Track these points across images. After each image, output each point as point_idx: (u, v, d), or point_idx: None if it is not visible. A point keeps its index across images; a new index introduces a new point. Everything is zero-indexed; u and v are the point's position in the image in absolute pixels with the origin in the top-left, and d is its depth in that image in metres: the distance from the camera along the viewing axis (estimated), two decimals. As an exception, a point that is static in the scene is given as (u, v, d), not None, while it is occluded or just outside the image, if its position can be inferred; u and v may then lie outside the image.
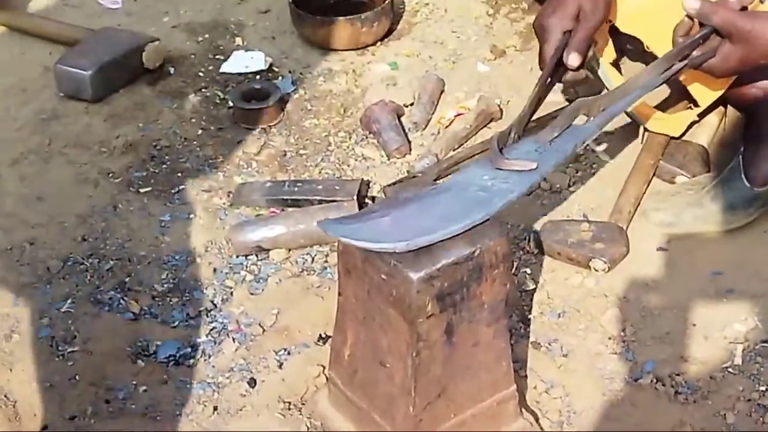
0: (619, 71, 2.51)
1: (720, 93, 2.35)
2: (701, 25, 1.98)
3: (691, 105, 2.50)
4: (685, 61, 2.00)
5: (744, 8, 1.96)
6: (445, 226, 1.68)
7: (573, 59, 2.10)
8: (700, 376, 2.06)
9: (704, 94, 2.39)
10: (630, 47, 2.56)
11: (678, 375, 2.05)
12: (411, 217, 1.72)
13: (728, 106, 2.57)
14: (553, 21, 2.12)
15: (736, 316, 2.17)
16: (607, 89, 2.43)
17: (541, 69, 2.14)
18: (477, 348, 1.76)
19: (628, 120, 2.58)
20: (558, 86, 2.32)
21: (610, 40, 2.44)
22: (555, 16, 2.12)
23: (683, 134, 2.55)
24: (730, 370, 2.07)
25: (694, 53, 1.99)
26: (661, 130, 2.53)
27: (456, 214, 1.71)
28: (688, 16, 1.99)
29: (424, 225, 1.69)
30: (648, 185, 2.47)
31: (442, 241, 1.67)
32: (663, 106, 2.59)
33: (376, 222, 1.72)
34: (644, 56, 2.53)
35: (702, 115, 2.56)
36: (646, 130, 2.55)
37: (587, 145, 2.56)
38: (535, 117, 2.07)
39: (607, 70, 2.44)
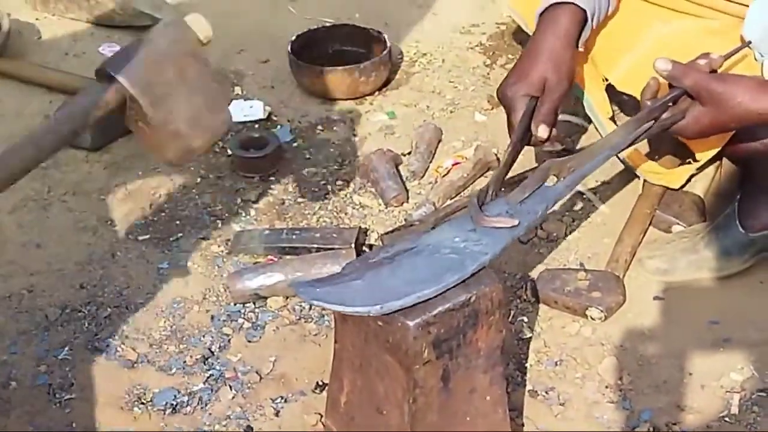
0: (615, 125, 2.53)
1: (718, 148, 2.35)
2: (671, 86, 1.99)
3: (690, 159, 2.50)
4: (655, 122, 2.00)
5: (713, 71, 1.98)
6: (418, 290, 1.68)
7: (542, 131, 2.09)
8: (696, 425, 2.05)
9: (703, 149, 2.38)
10: (627, 97, 2.58)
11: (675, 424, 2.05)
12: (384, 280, 1.72)
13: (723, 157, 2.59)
14: (518, 89, 2.10)
15: (732, 366, 2.17)
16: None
17: (511, 136, 2.12)
18: (473, 395, 1.76)
19: (623, 168, 2.60)
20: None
21: (606, 100, 2.45)
22: (520, 84, 2.11)
23: (683, 186, 2.56)
24: (726, 419, 2.06)
25: (664, 115, 2.00)
26: (660, 182, 2.54)
27: (429, 278, 1.71)
28: (654, 78, 2.01)
29: (397, 288, 1.69)
30: (644, 234, 2.49)
31: (415, 304, 1.67)
32: (660, 159, 2.60)
33: (349, 285, 1.72)
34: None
35: (701, 168, 2.56)
36: (645, 181, 2.56)
37: (584, 195, 2.60)
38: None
39: (606, 124, 2.45)
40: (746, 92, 1.91)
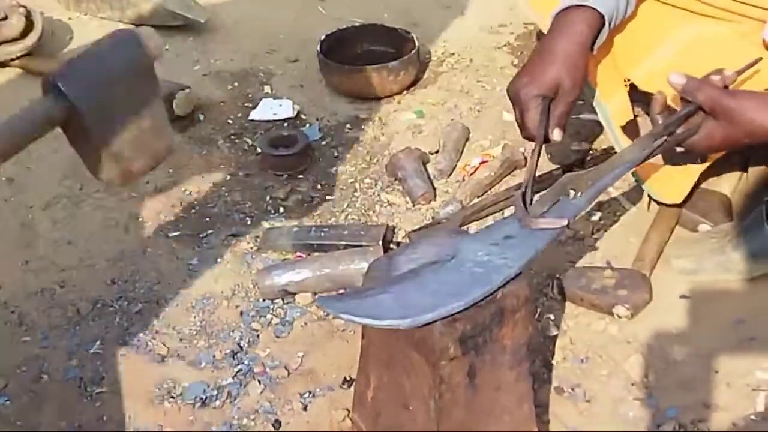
0: (636, 127, 2.51)
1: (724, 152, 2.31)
2: (684, 101, 1.99)
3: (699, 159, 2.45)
4: (668, 137, 1.99)
5: (726, 87, 1.98)
6: (448, 302, 1.68)
7: (557, 135, 2.09)
8: (722, 423, 2.05)
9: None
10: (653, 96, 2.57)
11: (700, 422, 2.05)
12: (412, 293, 1.72)
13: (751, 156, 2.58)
14: (531, 90, 2.10)
15: (758, 364, 2.16)
16: (617, 150, 2.44)
17: (524, 136, 2.13)
18: (499, 391, 1.77)
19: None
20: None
21: (628, 102, 2.44)
22: (533, 85, 2.10)
23: (685, 201, 2.51)
24: (752, 417, 2.06)
25: (678, 130, 1.99)
26: (661, 199, 2.50)
27: (457, 291, 1.70)
28: (660, 92, 2.00)
29: (426, 302, 1.69)
30: (671, 233, 2.49)
31: (445, 317, 1.67)
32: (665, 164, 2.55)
33: (377, 299, 1.72)
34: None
35: (743, 167, 2.54)
36: (651, 199, 2.54)
37: (611, 194, 2.60)
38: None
39: (618, 134, 2.44)
40: (759, 108, 1.90)
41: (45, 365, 2.21)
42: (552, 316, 2.29)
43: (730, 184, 2.58)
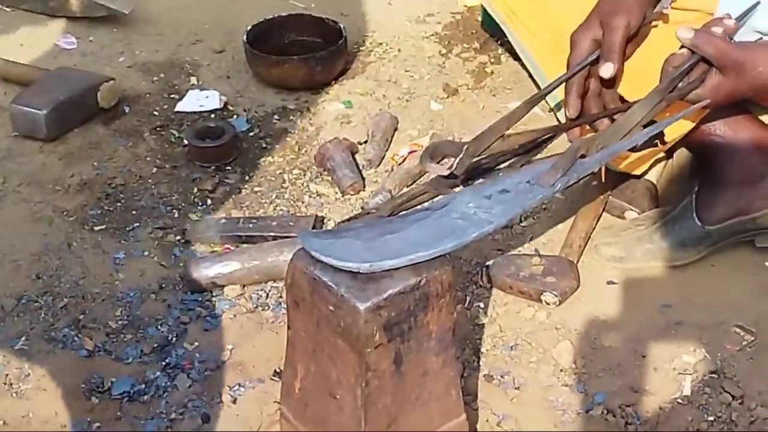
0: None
1: (688, 129, 2.30)
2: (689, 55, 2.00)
3: (657, 141, 2.48)
4: (674, 93, 2.00)
5: (730, 38, 1.99)
6: (412, 251, 1.69)
7: (605, 70, 2.13)
8: (649, 407, 2.08)
9: (672, 129, 2.30)
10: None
11: (628, 406, 2.07)
12: (385, 239, 1.73)
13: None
14: (579, 32, 2.17)
15: (684, 348, 2.19)
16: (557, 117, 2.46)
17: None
18: (426, 377, 1.77)
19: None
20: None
21: None
22: (582, 27, 2.17)
23: (645, 172, 2.55)
24: (679, 401, 2.09)
25: (680, 84, 2.00)
26: (623, 169, 2.53)
27: (428, 241, 1.71)
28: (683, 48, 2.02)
29: (393, 249, 1.70)
30: (598, 220, 2.51)
31: (406, 266, 1.68)
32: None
33: (351, 240, 1.72)
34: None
35: (668, 153, 2.56)
36: (607, 169, 2.54)
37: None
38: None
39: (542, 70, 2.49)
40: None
41: (-32, 362, 2.18)
42: (481, 304, 2.30)
43: (655, 171, 2.61)
